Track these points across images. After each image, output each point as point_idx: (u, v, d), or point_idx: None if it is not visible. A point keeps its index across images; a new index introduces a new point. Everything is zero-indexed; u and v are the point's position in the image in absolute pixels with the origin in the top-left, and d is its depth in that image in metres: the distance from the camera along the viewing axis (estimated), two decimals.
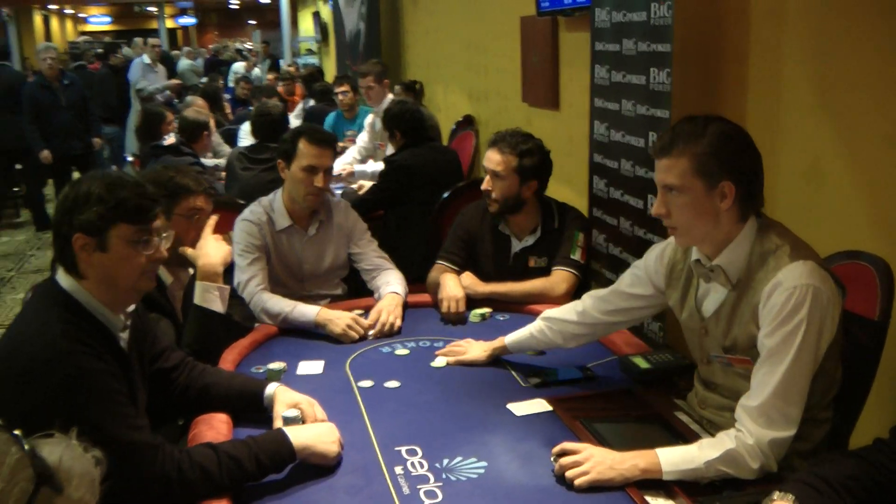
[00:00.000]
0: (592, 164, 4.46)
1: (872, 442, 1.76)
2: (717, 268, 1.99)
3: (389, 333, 2.79)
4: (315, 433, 1.95)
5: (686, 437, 2.00)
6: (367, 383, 2.41)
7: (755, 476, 1.81)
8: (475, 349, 2.55)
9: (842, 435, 2.04)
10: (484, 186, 3.11)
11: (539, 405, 2.22)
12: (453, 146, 6.74)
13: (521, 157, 3.06)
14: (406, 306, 3.03)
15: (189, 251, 2.47)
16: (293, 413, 2.06)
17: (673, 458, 1.82)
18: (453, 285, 2.95)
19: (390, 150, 4.83)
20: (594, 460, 1.83)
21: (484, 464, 1.93)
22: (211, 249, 2.48)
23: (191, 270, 2.61)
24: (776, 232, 1.97)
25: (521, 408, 2.20)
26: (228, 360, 2.54)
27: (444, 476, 1.88)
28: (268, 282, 3.01)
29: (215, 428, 2.09)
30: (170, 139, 4.86)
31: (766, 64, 3.30)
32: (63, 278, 1.86)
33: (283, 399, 2.14)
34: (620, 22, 4.03)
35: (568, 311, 2.40)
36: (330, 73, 15.01)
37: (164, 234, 1.94)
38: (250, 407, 2.17)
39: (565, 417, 2.14)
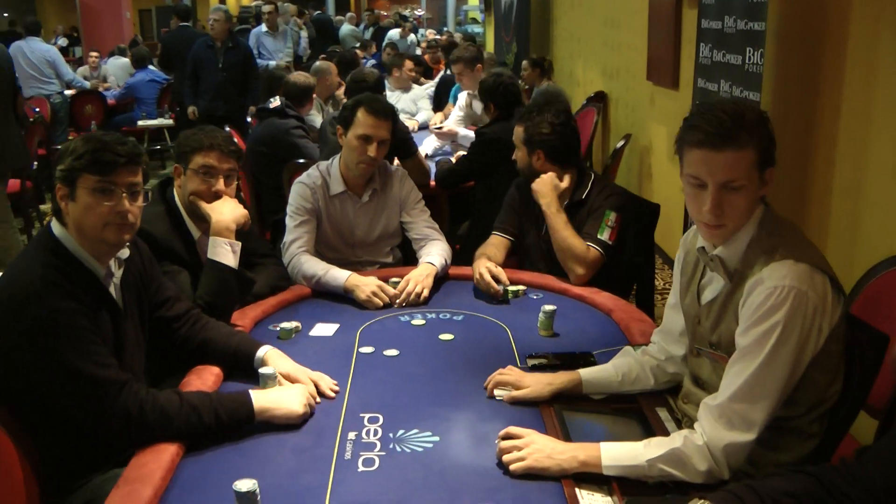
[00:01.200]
0: None
1: (839, 461, 1.61)
2: (717, 258, 1.86)
3: (416, 303, 2.80)
4: (277, 396, 2.02)
5: (656, 434, 1.90)
6: (367, 349, 2.44)
7: (702, 480, 1.71)
8: (535, 384, 2.10)
9: (829, 450, 1.86)
10: (513, 156, 3.18)
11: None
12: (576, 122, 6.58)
13: (525, 127, 3.09)
14: (446, 277, 3.04)
15: (204, 207, 2.57)
16: (269, 370, 2.13)
17: (615, 453, 1.74)
18: (481, 262, 2.94)
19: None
20: (533, 447, 1.78)
21: (436, 439, 1.92)
22: (225, 208, 2.57)
23: None
24: (778, 226, 1.83)
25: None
26: (250, 315, 2.64)
27: (390, 446, 1.89)
28: (312, 245, 3.09)
29: (203, 378, 2.19)
30: (274, 102, 5.01)
31: (863, 51, 3.03)
32: (55, 226, 2.01)
33: (275, 363, 2.20)
34: None
35: (649, 348, 2.19)
36: (490, 43, 15.03)
37: (139, 192, 2.03)
38: (243, 366, 2.25)
39: (542, 404, 2.08)
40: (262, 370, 2.13)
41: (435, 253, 3.05)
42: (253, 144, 5.03)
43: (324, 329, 2.61)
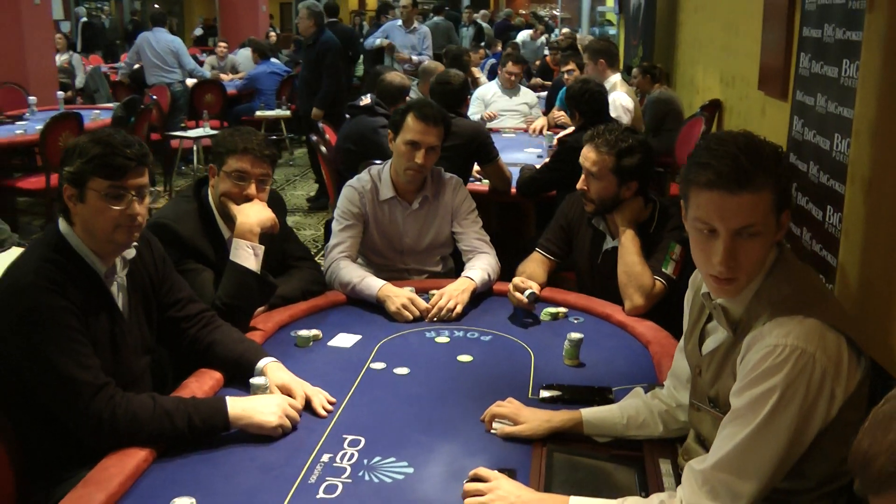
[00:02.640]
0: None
1: None
2: (719, 307, 1.67)
3: (447, 319, 2.70)
4: (254, 405, 1.97)
5: (650, 488, 1.73)
6: (379, 365, 2.36)
7: None
8: (531, 420, 1.97)
9: None
10: (579, 186, 2.92)
11: None
12: (682, 132, 6.28)
13: (619, 156, 2.80)
14: (490, 293, 2.92)
15: (232, 208, 2.55)
16: (261, 381, 2.08)
17: None
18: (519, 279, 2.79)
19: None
20: (497, 493, 1.65)
21: (410, 470, 1.82)
22: (251, 211, 2.54)
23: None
24: (791, 274, 1.62)
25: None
26: (276, 319, 2.62)
27: (360, 473, 1.81)
28: (355, 251, 3.05)
29: (201, 382, 2.17)
30: (365, 99, 4.99)
31: None
32: (61, 222, 2.02)
33: (272, 375, 2.16)
34: (825, 4, 3.50)
35: (660, 391, 2.01)
36: (622, 46, 14.61)
37: (146, 193, 2.02)
38: (244, 374, 2.20)
39: (536, 442, 1.93)
40: (252, 380, 2.09)
41: (478, 267, 2.94)
42: (341, 141, 5.04)
43: (344, 340, 2.54)
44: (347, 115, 5.29)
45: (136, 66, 9.15)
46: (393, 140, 3.07)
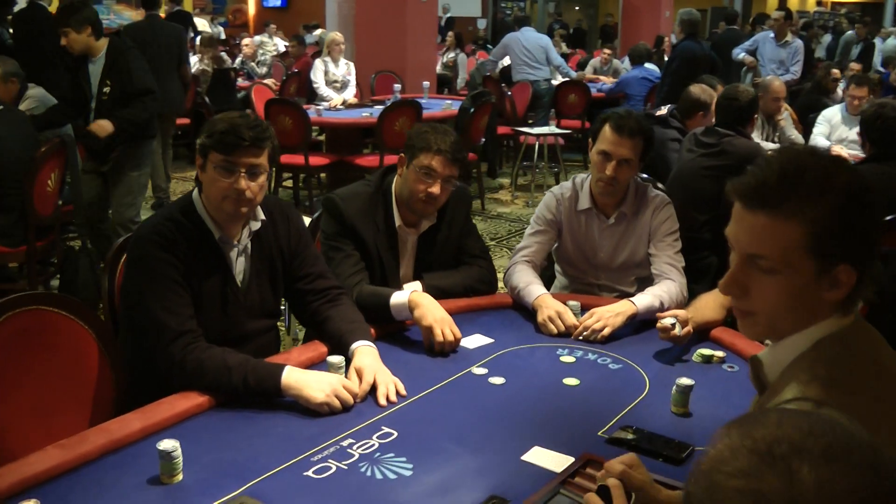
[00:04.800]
0: None
1: None
2: (756, 360, 1.42)
3: (592, 340, 2.56)
4: (308, 379, 2.07)
5: None
6: (480, 371, 2.34)
7: None
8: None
9: None
10: None
11: (556, 462, 1.85)
12: None
13: None
14: (651, 321, 2.69)
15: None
16: (336, 359, 2.19)
17: None
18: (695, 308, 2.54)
19: None
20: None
21: (407, 473, 1.80)
22: (444, 323, 2.46)
23: (425, 224, 2.82)
24: (841, 350, 1.30)
25: (536, 455, 1.88)
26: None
27: (361, 463, 1.83)
28: (541, 257, 3.01)
29: (304, 352, 2.37)
30: (661, 110, 4.79)
31: None
32: (195, 189, 2.32)
33: (356, 358, 2.24)
34: None
35: None
36: None
37: (260, 172, 2.22)
38: (342, 351, 2.30)
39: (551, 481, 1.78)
40: (329, 357, 2.20)
41: (651, 293, 2.73)
42: None
43: (473, 341, 2.53)
44: None
45: (501, 63, 9.67)
46: (590, 149, 2.96)
